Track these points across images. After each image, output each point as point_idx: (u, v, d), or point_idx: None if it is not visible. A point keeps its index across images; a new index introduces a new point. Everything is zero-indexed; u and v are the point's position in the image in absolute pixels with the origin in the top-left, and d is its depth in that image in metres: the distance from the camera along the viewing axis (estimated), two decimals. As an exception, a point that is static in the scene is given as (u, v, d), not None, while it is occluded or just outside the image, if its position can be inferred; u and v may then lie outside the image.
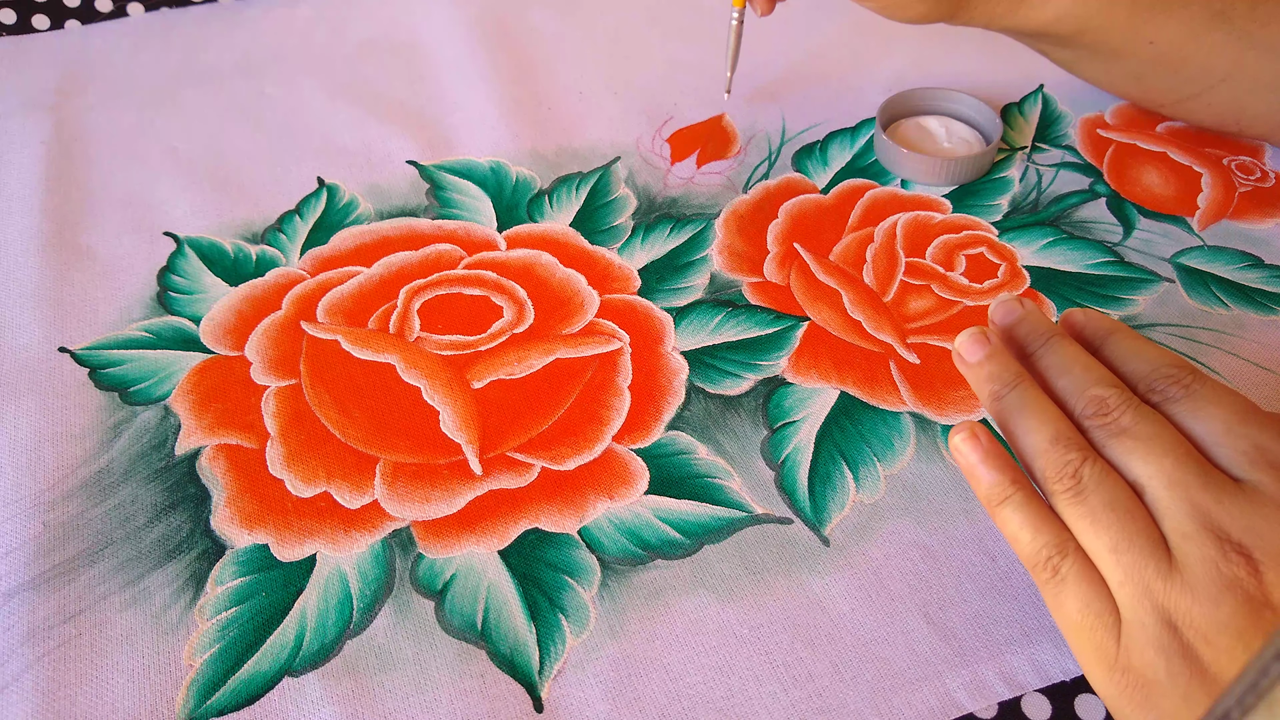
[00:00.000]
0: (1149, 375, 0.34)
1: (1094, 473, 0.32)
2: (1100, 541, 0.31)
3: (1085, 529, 0.32)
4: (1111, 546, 0.31)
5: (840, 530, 0.42)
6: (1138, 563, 0.30)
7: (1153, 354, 0.35)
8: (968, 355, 0.36)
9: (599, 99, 0.62)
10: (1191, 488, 0.31)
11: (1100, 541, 0.31)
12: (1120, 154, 0.58)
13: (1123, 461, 0.32)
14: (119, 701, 0.37)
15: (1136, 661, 0.30)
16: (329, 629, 0.39)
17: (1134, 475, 0.32)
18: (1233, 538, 0.30)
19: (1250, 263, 0.52)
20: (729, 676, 0.38)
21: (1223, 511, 0.30)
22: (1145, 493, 0.31)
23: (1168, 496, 0.31)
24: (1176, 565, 0.30)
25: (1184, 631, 0.30)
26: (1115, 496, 0.31)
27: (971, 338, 0.36)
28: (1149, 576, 0.30)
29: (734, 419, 0.45)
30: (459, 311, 0.50)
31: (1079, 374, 0.34)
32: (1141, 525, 0.31)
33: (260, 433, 0.45)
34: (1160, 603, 0.30)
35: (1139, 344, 0.35)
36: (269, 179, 0.57)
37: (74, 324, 0.49)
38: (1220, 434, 0.32)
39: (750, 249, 0.53)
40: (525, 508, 0.42)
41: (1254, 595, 0.29)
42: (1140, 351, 0.35)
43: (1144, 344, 0.35)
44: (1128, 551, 0.31)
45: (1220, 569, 0.29)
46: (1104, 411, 0.33)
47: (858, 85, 0.63)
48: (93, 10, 0.67)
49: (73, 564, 0.40)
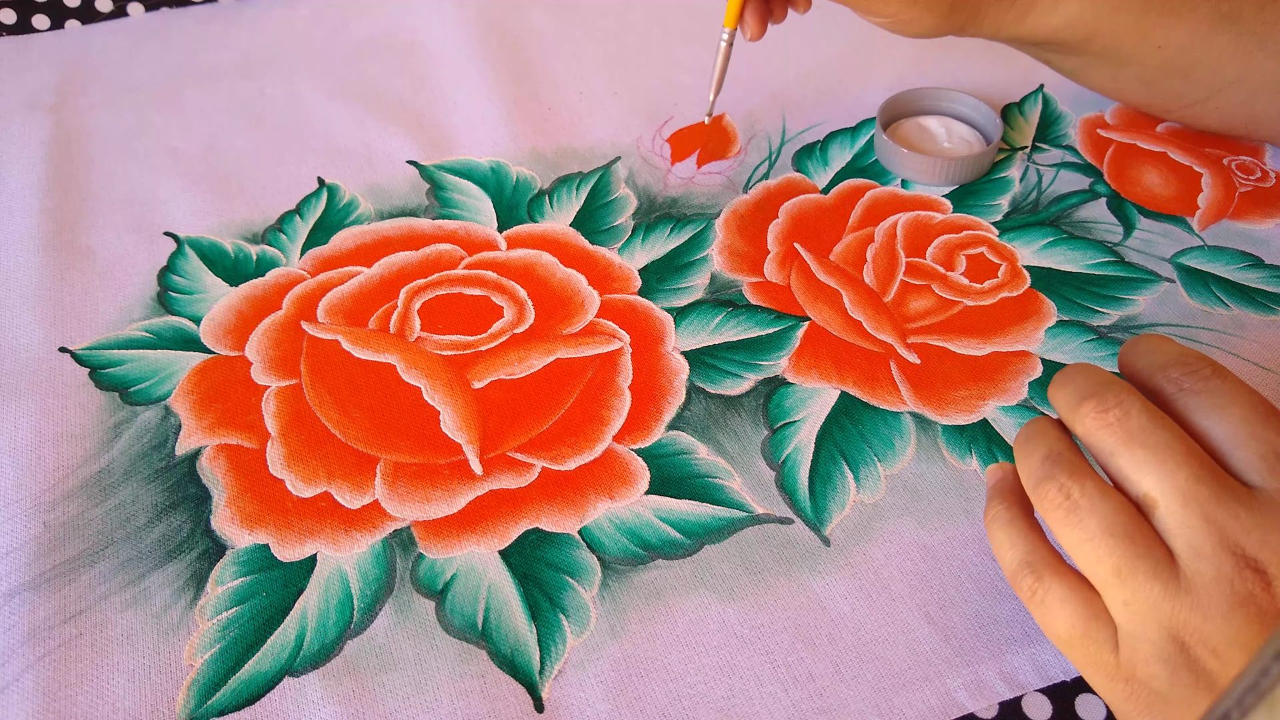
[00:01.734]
0: (1165, 365, 0.32)
1: (1087, 492, 0.31)
2: (1102, 567, 0.30)
3: (1086, 554, 0.30)
4: (1114, 570, 0.30)
5: (841, 530, 0.42)
6: (1144, 585, 0.29)
7: (1171, 347, 0.33)
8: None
9: (599, 99, 0.62)
10: (1207, 503, 0.29)
11: (1102, 567, 0.30)
12: (1120, 154, 0.58)
13: (1132, 473, 0.31)
14: (119, 701, 0.37)
15: (1140, 673, 0.30)
16: (329, 629, 0.39)
17: (1145, 488, 0.30)
18: (1248, 553, 0.29)
19: (1250, 263, 0.52)
20: (730, 676, 0.38)
21: (1238, 526, 0.29)
22: (1157, 507, 0.30)
23: (1182, 514, 0.29)
24: (1185, 582, 0.29)
25: (1192, 646, 0.29)
26: (1114, 519, 0.30)
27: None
28: (1156, 597, 0.29)
29: (734, 419, 0.45)
30: (459, 311, 0.50)
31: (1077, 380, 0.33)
32: (1143, 546, 0.30)
33: (261, 433, 0.45)
34: (1167, 620, 0.29)
35: (1159, 340, 0.34)
36: (269, 179, 0.57)
37: (74, 324, 0.49)
38: (1240, 436, 0.30)
39: (750, 249, 0.53)
40: (526, 508, 0.42)
41: (1266, 609, 0.28)
42: (1159, 346, 0.34)
43: (1165, 340, 0.34)
44: (1132, 576, 0.30)
45: (1234, 586, 0.29)
46: (1103, 409, 0.31)
47: (858, 85, 0.63)
48: (93, 10, 0.67)
49: (73, 564, 0.40)
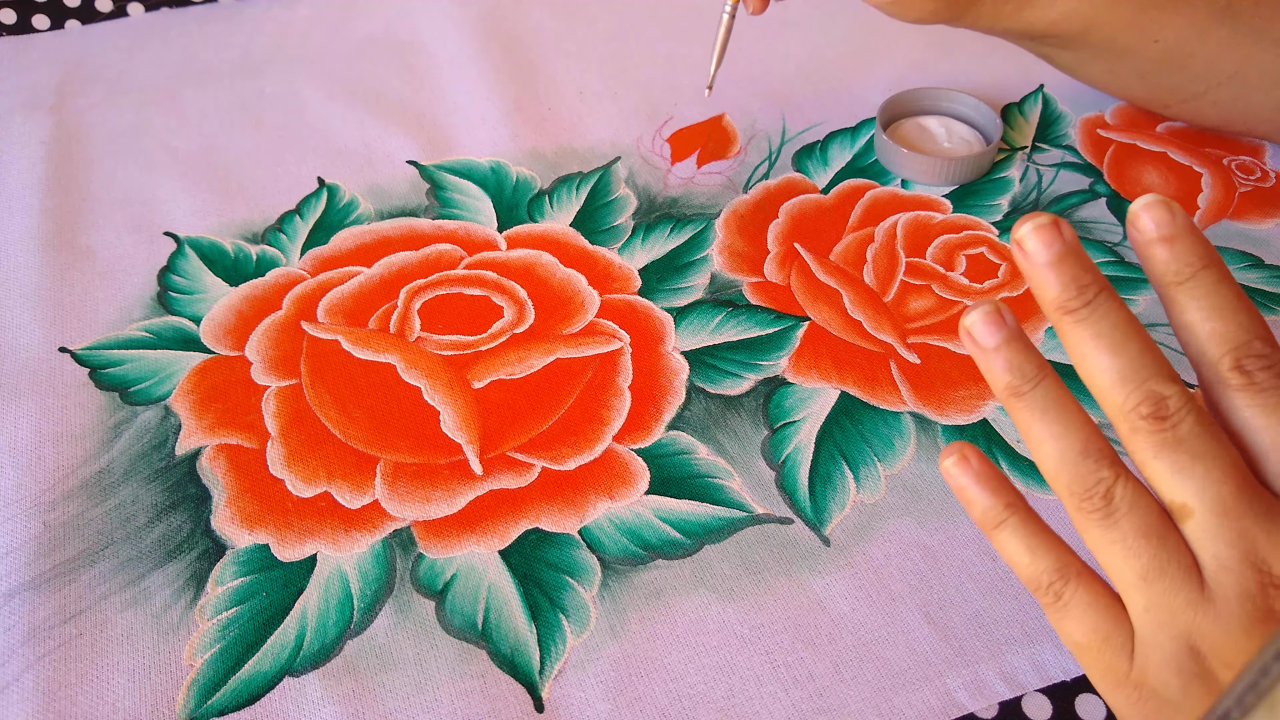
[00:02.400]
0: (1235, 350, 0.28)
1: (1126, 494, 0.29)
2: (1130, 568, 0.29)
3: (1115, 555, 0.29)
4: (1142, 574, 0.29)
5: (841, 530, 0.42)
6: (1168, 591, 0.29)
7: (1245, 317, 0.28)
8: (981, 338, 0.29)
9: (599, 99, 0.62)
10: (1244, 518, 0.28)
11: (1130, 568, 0.29)
12: (1120, 154, 0.58)
13: (1171, 478, 0.29)
14: (119, 701, 0.37)
15: (1151, 680, 0.30)
16: (329, 629, 0.39)
17: (1182, 496, 0.29)
18: (1274, 571, 0.28)
19: (1250, 263, 0.52)
20: (730, 676, 0.38)
21: (1271, 544, 0.28)
22: (1191, 516, 0.29)
23: (1216, 525, 0.28)
24: (1208, 593, 0.29)
25: (1208, 657, 0.29)
26: (1148, 522, 0.29)
27: (986, 317, 0.29)
28: (1178, 606, 0.29)
29: (734, 419, 0.45)
30: (459, 311, 0.50)
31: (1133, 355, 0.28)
32: (1173, 553, 0.29)
33: (261, 433, 0.45)
34: (1185, 629, 0.29)
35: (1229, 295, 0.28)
36: (269, 179, 0.57)
37: (74, 324, 0.49)
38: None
39: (750, 249, 0.53)
40: (526, 508, 0.42)
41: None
42: (1226, 309, 0.28)
43: (1235, 296, 0.28)
44: (1158, 581, 0.29)
45: (1256, 603, 0.28)
46: (1161, 415, 0.28)
47: (858, 85, 0.63)
48: (93, 10, 0.67)
49: (73, 564, 0.40)
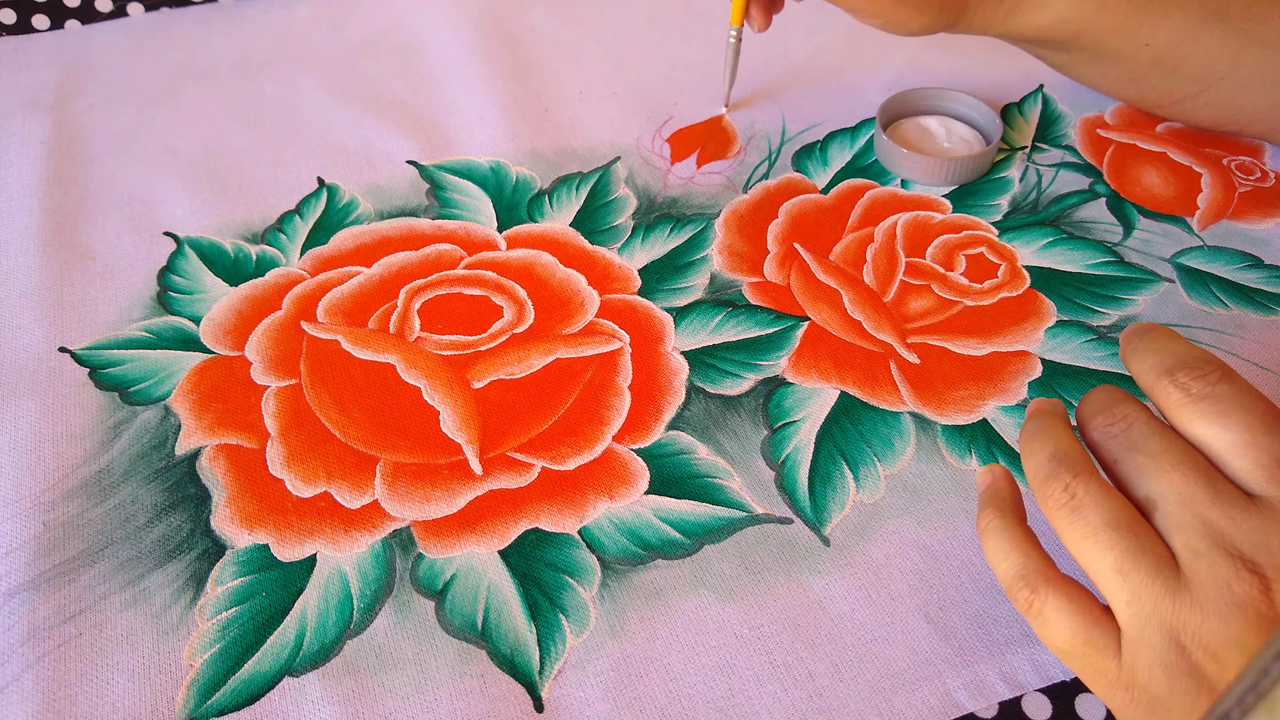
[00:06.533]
0: (1172, 368, 0.32)
1: (1091, 488, 0.31)
2: (1104, 561, 0.30)
3: (1088, 549, 0.31)
4: (1116, 566, 0.30)
5: (840, 530, 0.42)
6: (1145, 581, 0.30)
7: (1180, 347, 0.33)
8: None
9: (599, 99, 0.62)
10: (1203, 504, 0.30)
11: (1104, 561, 0.30)
12: (1120, 154, 0.58)
13: (1133, 477, 0.31)
14: (119, 701, 0.37)
15: (1141, 678, 0.30)
16: (329, 629, 0.39)
17: (1145, 492, 0.31)
18: (1245, 555, 0.29)
19: (1250, 263, 0.52)
20: (729, 676, 0.38)
21: (1235, 529, 0.29)
22: (1156, 509, 0.30)
23: (1179, 513, 0.30)
24: (1185, 581, 0.29)
25: (1191, 650, 0.29)
26: (1117, 515, 0.30)
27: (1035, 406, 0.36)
28: (1157, 595, 0.29)
29: (734, 419, 0.45)
30: (459, 311, 0.50)
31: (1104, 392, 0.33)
32: (1146, 542, 0.30)
33: (260, 433, 0.45)
34: (1168, 621, 0.29)
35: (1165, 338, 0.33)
36: (269, 179, 0.57)
37: (74, 324, 0.49)
38: (1242, 444, 0.30)
39: (750, 249, 0.53)
40: (525, 508, 0.42)
41: (1265, 614, 0.28)
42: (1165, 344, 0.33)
43: (1168, 336, 0.33)
44: (1134, 571, 0.30)
45: (1232, 587, 0.29)
46: (1110, 421, 0.32)
47: (858, 85, 0.63)
48: (93, 10, 0.67)
49: (73, 564, 0.40)
